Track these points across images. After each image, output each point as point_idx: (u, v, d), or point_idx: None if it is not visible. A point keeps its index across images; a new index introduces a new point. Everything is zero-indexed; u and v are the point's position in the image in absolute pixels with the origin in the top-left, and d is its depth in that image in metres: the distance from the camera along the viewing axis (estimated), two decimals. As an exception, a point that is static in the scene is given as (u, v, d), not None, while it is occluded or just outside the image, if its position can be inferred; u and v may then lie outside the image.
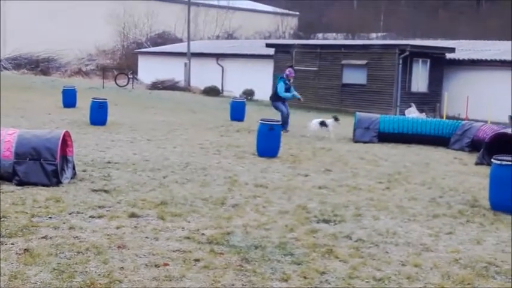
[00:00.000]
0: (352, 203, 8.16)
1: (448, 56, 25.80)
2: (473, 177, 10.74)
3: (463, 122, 15.56)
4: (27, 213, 6.71)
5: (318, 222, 7.05)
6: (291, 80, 16.62)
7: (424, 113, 23.80)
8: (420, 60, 25.21)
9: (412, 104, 24.38)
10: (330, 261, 5.67)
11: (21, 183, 7.97)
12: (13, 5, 42.52)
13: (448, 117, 21.51)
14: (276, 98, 16.49)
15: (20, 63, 42.01)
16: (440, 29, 48.32)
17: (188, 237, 6.15)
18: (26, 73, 40.29)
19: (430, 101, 25.31)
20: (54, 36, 41.68)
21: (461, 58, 25.81)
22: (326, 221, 7.11)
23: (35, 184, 7.97)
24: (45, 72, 41.02)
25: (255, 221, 6.96)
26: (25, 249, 5.47)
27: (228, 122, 18.25)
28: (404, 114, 22.65)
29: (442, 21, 51.44)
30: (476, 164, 12.20)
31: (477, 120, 17.98)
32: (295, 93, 16.76)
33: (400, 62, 24.37)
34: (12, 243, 5.64)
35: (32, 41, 40.32)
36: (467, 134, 14.43)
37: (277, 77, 17.06)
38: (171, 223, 6.67)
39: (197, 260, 5.48)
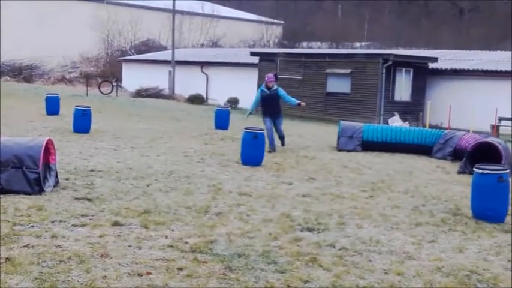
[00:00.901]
0: (335, 211, 8.19)
1: (431, 65, 26.03)
2: (455, 185, 10.82)
3: (446, 131, 15.68)
4: (9, 221, 6.64)
5: (301, 231, 7.06)
6: (272, 87, 14.30)
7: (407, 122, 23.96)
8: (403, 69, 25.38)
9: (396, 113, 24.53)
10: (314, 270, 5.68)
11: (2, 192, 7.88)
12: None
13: (431, 126, 21.67)
14: (262, 110, 14.73)
15: (3, 70, 41.67)
16: (423, 39, 48.81)
17: (171, 246, 6.14)
18: (9, 80, 39.91)
19: (413, 110, 25.50)
20: (37, 43, 41.44)
21: (443, 68, 26.08)
22: (310, 230, 7.12)
23: (17, 192, 7.89)
24: (28, 79, 40.67)
25: (239, 229, 6.96)
26: (6, 258, 5.42)
27: (212, 130, 18.23)
28: (387, 123, 22.79)
29: (425, 31, 51.96)
30: (459, 172, 12.31)
31: (459, 129, 18.13)
32: (289, 97, 14.75)
33: (384, 71, 24.52)
34: (-7, 252, 5.59)
35: (15, 47, 40.03)
36: (449, 143, 14.55)
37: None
38: (155, 231, 6.65)
39: (180, 269, 5.47)
